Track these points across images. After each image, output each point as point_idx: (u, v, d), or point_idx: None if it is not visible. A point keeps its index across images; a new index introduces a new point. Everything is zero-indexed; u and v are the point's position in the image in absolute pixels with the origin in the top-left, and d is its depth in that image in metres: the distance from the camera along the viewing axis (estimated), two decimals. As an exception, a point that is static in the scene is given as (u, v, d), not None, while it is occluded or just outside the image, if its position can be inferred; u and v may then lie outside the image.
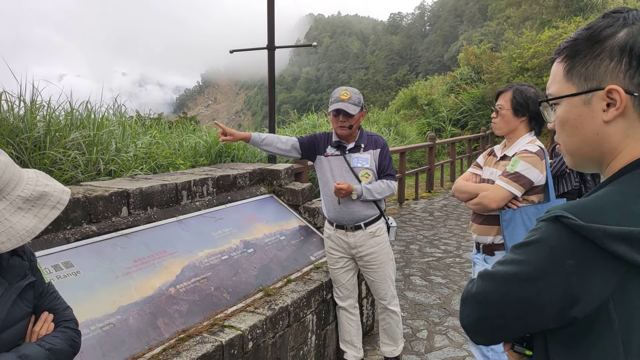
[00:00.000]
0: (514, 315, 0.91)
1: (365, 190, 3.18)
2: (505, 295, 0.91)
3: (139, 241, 2.91)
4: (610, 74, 0.89)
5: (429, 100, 20.00)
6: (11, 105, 4.27)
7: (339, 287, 3.47)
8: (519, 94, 2.63)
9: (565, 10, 19.91)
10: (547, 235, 0.86)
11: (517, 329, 0.95)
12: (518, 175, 2.51)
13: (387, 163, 3.31)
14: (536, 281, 0.86)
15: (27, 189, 1.33)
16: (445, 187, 12.08)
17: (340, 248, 3.38)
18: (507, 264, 0.92)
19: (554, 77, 1.01)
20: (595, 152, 0.95)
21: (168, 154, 5.56)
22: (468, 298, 1.01)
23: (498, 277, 0.93)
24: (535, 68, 16.79)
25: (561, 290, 0.83)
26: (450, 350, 3.83)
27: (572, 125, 0.96)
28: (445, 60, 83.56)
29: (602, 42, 0.90)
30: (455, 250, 6.58)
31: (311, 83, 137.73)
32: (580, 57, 0.93)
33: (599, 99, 0.91)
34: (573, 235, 0.82)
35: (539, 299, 0.86)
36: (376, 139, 3.34)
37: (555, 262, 0.84)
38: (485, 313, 0.96)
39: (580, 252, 0.82)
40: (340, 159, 3.29)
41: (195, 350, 2.36)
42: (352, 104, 3.16)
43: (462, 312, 1.04)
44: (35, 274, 1.49)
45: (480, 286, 0.97)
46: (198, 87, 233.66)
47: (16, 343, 1.39)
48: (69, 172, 3.91)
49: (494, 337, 1.01)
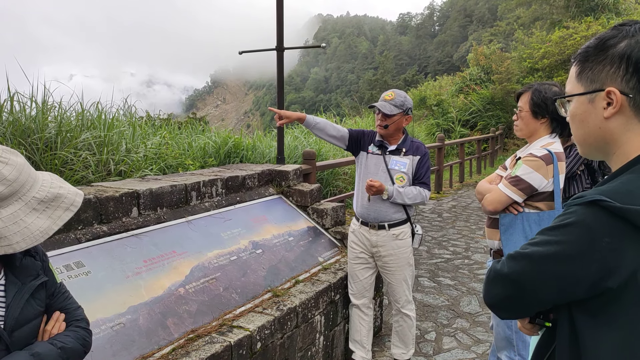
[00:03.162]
0: (549, 291, 1.03)
1: (396, 192, 3.21)
2: (542, 273, 1.02)
3: (148, 241, 2.93)
4: (611, 78, 1.05)
5: (438, 101, 19.90)
6: (23, 106, 4.32)
7: (355, 282, 3.50)
8: (537, 94, 2.52)
9: (575, 10, 19.72)
10: (583, 217, 0.98)
11: (548, 302, 1.06)
12: (518, 180, 2.44)
13: (424, 172, 3.33)
14: (574, 259, 0.98)
15: (42, 190, 1.35)
16: (454, 188, 12.03)
17: (362, 244, 3.42)
18: (543, 244, 1.03)
19: (569, 78, 1.18)
20: (599, 143, 1.11)
21: (177, 154, 5.59)
22: (498, 278, 1.12)
23: (534, 256, 1.03)
24: (545, 68, 16.66)
25: (597, 265, 0.95)
26: (458, 352, 3.82)
27: (580, 119, 1.13)
28: (455, 61, 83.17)
29: (606, 50, 1.06)
30: (463, 252, 6.55)
31: (320, 83, 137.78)
32: (589, 62, 1.10)
33: (600, 98, 1.07)
34: (609, 216, 0.95)
35: (576, 274, 0.98)
36: (418, 146, 3.36)
37: (592, 241, 0.96)
38: (518, 291, 1.08)
39: (616, 231, 0.94)
40: (380, 158, 3.34)
41: (204, 350, 2.37)
42: (391, 105, 3.21)
43: (490, 291, 1.15)
44: (47, 273, 1.51)
45: (512, 266, 1.08)
46: (207, 87, 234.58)
47: (28, 342, 1.41)
48: (79, 172, 3.95)
49: (522, 312, 1.14)
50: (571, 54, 15.49)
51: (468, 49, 44.66)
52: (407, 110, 3.26)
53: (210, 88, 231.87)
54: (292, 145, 8.13)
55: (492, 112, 18.33)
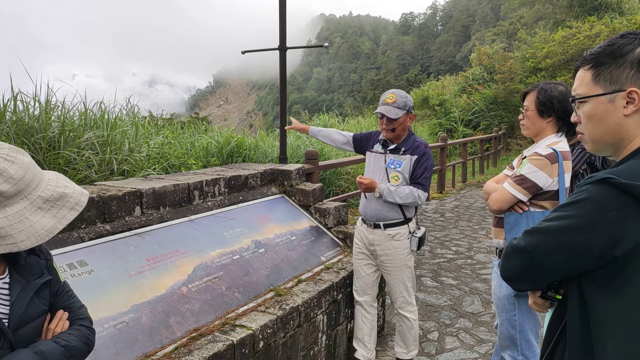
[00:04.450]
0: (563, 261, 1.16)
1: (387, 191, 3.21)
2: (556, 245, 1.15)
3: (151, 240, 2.94)
4: (631, 80, 1.19)
5: (441, 101, 19.88)
6: (26, 105, 4.33)
7: (358, 279, 3.53)
8: (542, 93, 2.51)
9: (579, 9, 19.65)
10: (594, 193, 1.11)
11: (562, 272, 1.19)
12: (523, 178, 2.43)
13: (420, 172, 3.27)
14: (585, 230, 1.11)
15: (47, 189, 1.36)
16: (457, 188, 12.02)
17: (362, 241, 3.47)
18: (557, 219, 1.17)
19: (582, 81, 1.28)
20: (615, 139, 1.23)
21: (180, 154, 5.60)
22: (515, 251, 1.25)
23: (549, 230, 1.17)
24: (548, 68, 16.61)
25: (606, 235, 1.08)
26: (461, 352, 3.82)
27: (599, 118, 1.24)
28: (457, 61, 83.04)
29: (623, 55, 1.20)
30: (466, 252, 6.55)
31: (322, 83, 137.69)
32: (606, 67, 1.23)
33: (620, 98, 1.20)
34: (617, 192, 1.08)
35: (587, 245, 1.10)
36: (418, 146, 3.30)
37: (602, 214, 1.09)
38: (534, 262, 1.21)
39: (623, 205, 1.07)
40: (381, 156, 3.38)
41: (207, 349, 2.38)
42: (395, 107, 3.21)
43: (507, 264, 1.28)
44: (51, 272, 1.51)
45: (529, 240, 1.22)
46: (210, 87, 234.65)
47: (32, 340, 1.42)
48: (82, 171, 3.96)
49: (537, 282, 1.27)
50: (574, 53, 15.47)
51: (471, 49, 44.61)
52: (409, 109, 3.26)
53: (212, 88, 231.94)
54: (295, 144, 8.13)
55: (495, 112, 18.30)
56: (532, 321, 2.58)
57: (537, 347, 2.59)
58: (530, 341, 2.58)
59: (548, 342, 1.30)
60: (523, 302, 2.53)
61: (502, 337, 2.68)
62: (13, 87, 4.25)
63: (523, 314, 2.55)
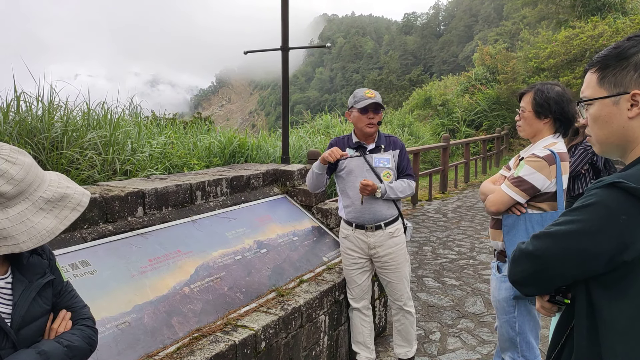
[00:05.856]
0: (571, 265, 1.15)
1: (388, 189, 3.22)
2: (565, 249, 1.15)
3: (154, 241, 2.95)
4: (635, 82, 1.17)
5: (443, 101, 19.87)
6: (29, 105, 4.34)
7: (353, 288, 3.48)
8: (539, 94, 2.49)
9: (582, 9, 19.58)
10: (603, 197, 1.10)
11: (571, 276, 1.18)
12: (520, 180, 2.41)
13: (406, 163, 3.38)
14: (594, 235, 1.10)
15: (49, 190, 1.36)
16: (459, 188, 12.00)
17: (358, 249, 3.38)
18: (565, 224, 1.16)
19: (588, 83, 1.28)
20: (621, 141, 1.22)
21: (183, 154, 5.61)
22: (523, 255, 1.25)
23: (558, 234, 1.16)
24: (551, 68, 16.55)
25: (615, 240, 1.07)
26: (463, 353, 3.81)
27: (604, 120, 1.24)
28: (460, 61, 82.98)
29: (628, 58, 1.19)
30: (468, 252, 6.54)
31: (325, 83, 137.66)
32: (611, 69, 1.22)
33: (625, 100, 1.19)
34: (626, 196, 1.07)
35: (596, 249, 1.09)
36: (394, 140, 3.41)
37: (611, 218, 1.07)
38: (543, 266, 1.20)
39: (632, 209, 1.06)
40: (361, 159, 3.31)
41: (209, 349, 2.38)
42: (379, 99, 3.24)
43: (515, 268, 1.28)
44: (54, 272, 1.52)
45: (537, 244, 1.21)
46: (212, 87, 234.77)
47: (35, 340, 1.42)
48: (85, 171, 3.97)
49: (545, 287, 1.26)
50: (577, 53, 15.43)
51: (473, 49, 44.54)
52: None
53: (215, 88, 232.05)
54: (297, 145, 8.14)
55: (498, 112, 18.27)
56: (532, 323, 2.57)
57: (537, 349, 2.59)
58: (530, 343, 2.57)
59: (554, 345, 1.30)
60: (522, 304, 2.53)
61: (502, 339, 2.67)
62: (16, 87, 4.27)
63: (522, 316, 2.55)
